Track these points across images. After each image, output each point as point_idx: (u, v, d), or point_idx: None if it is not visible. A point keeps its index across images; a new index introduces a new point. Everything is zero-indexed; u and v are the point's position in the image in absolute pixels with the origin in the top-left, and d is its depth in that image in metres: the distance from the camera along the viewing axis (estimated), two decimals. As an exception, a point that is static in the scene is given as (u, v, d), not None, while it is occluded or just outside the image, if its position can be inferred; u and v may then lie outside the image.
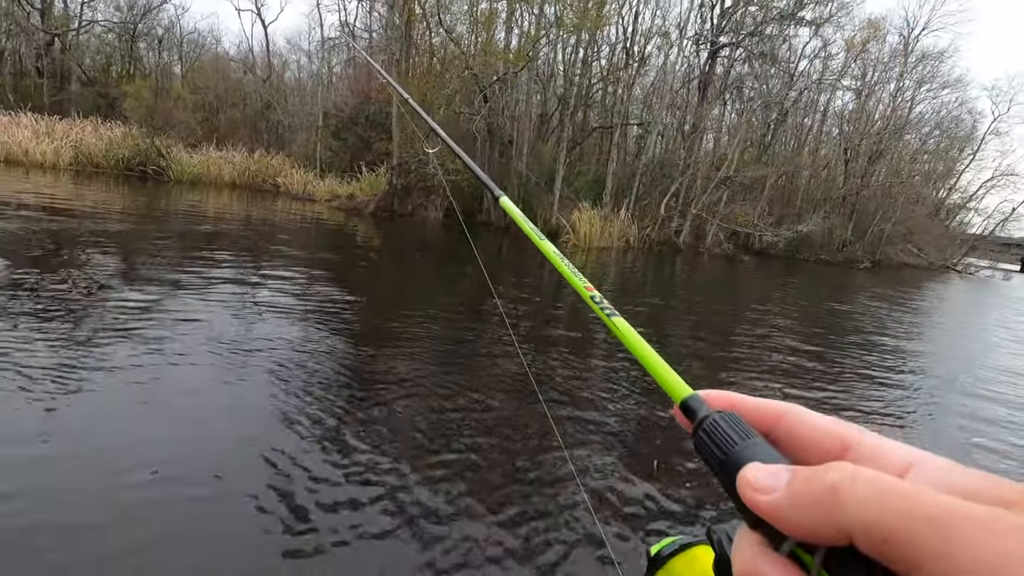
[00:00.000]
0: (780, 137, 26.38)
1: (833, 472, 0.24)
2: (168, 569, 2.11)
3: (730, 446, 0.30)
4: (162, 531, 2.29)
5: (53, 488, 2.46)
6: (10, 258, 6.26)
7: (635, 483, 3.12)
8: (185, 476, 2.68)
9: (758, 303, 10.69)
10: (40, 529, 2.20)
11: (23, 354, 3.70)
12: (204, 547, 2.26)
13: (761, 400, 0.33)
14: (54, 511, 2.32)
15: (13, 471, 2.53)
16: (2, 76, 27.27)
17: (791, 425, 0.31)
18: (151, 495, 2.50)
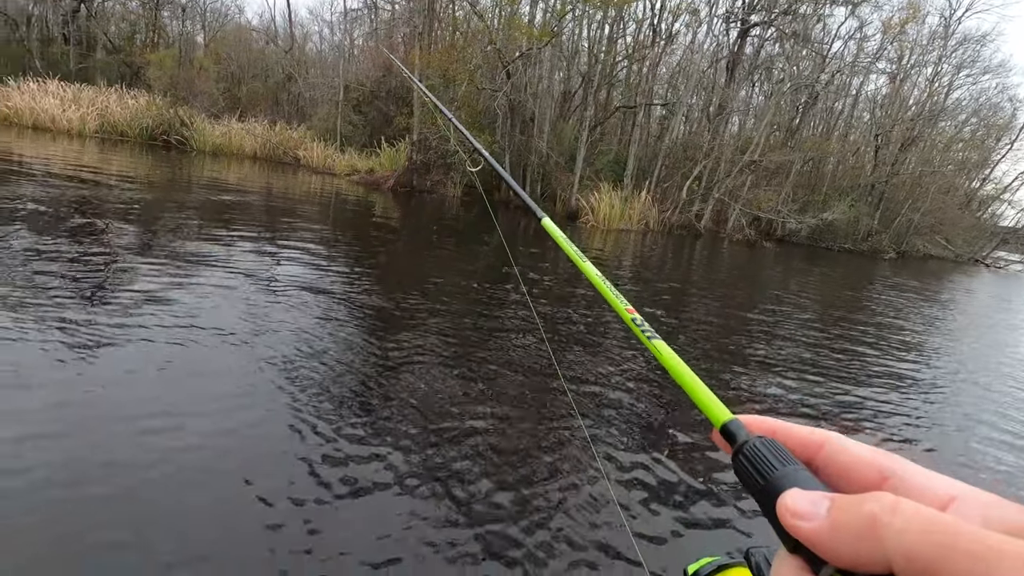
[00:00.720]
0: (809, 121, 25.66)
1: (872, 503, 0.25)
2: (189, 506, 2.17)
3: (770, 471, 0.30)
4: (182, 475, 2.35)
5: (78, 434, 2.53)
6: (38, 224, 6.38)
7: (648, 456, 3.12)
8: (208, 430, 2.74)
9: (778, 290, 10.54)
10: (68, 468, 2.28)
11: (52, 319, 3.78)
12: (221, 490, 2.31)
13: (802, 427, 0.34)
14: (80, 456, 2.39)
15: (37, 423, 2.61)
16: (30, 42, 27.51)
17: (831, 453, 0.32)
18: (172, 444, 2.57)
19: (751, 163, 19.56)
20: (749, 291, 10.29)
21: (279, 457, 2.70)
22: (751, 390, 4.62)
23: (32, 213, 6.85)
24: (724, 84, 20.61)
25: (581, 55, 22.44)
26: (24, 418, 2.68)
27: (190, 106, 21.09)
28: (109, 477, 2.38)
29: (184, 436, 2.74)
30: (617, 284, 7.82)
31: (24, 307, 3.89)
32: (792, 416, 4.19)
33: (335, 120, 21.74)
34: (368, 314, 5.10)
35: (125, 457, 2.52)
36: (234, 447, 2.74)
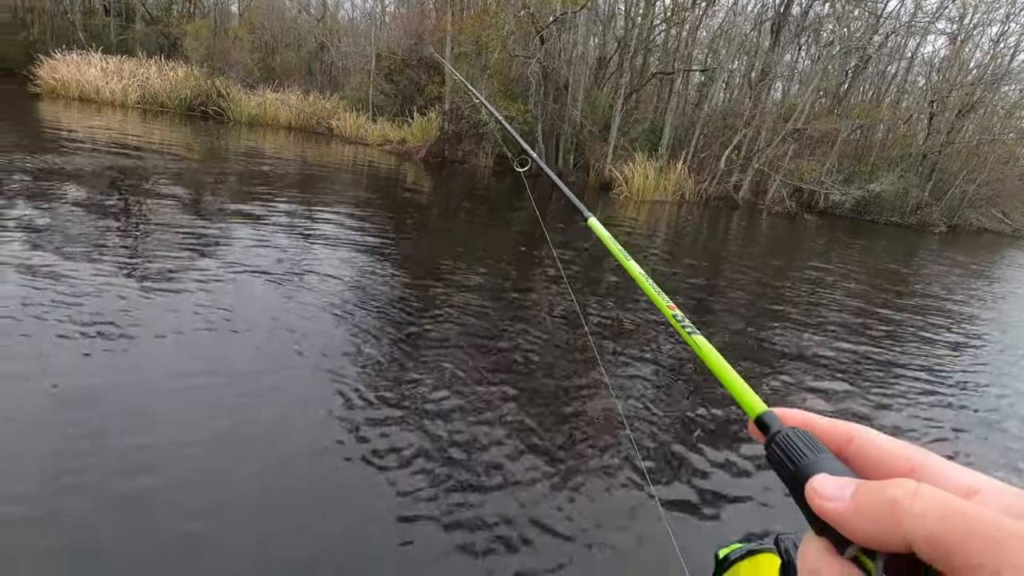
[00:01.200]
0: (858, 86, 24.31)
1: (895, 487, 0.27)
2: (234, 449, 2.27)
3: (800, 458, 0.33)
4: (232, 424, 2.45)
5: (129, 378, 2.66)
6: (88, 191, 6.61)
7: (682, 442, 3.10)
8: (251, 384, 2.84)
9: (818, 264, 10.17)
10: (128, 415, 2.40)
11: (104, 277, 3.94)
12: (269, 437, 2.41)
13: (834, 420, 0.36)
14: (141, 402, 2.52)
15: (98, 365, 2.74)
16: (73, 14, 28.07)
17: (861, 446, 0.34)
18: (217, 396, 2.67)
19: (794, 131, 18.73)
20: (788, 264, 9.98)
21: (318, 412, 2.79)
22: (788, 367, 4.52)
23: (84, 181, 7.10)
24: (768, 48, 19.64)
25: (617, 19, 21.66)
26: (84, 369, 2.82)
27: (226, 77, 21.31)
28: (159, 424, 2.50)
29: (230, 389, 2.85)
30: (649, 255, 7.72)
31: (84, 268, 4.06)
32: (829, 394, 4.09)
33: (367, 89, 21.67)
34: (401, 281, 5.15)
35: (174, 401, 2.64)
36: (273, 401, 2.83)
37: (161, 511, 2.09)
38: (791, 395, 3.97)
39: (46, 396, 2.62)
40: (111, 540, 1.94)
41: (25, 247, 4.42)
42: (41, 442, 2.33)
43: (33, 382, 2.71)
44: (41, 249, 4.42)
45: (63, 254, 4.36)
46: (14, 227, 4.83)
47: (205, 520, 2.08)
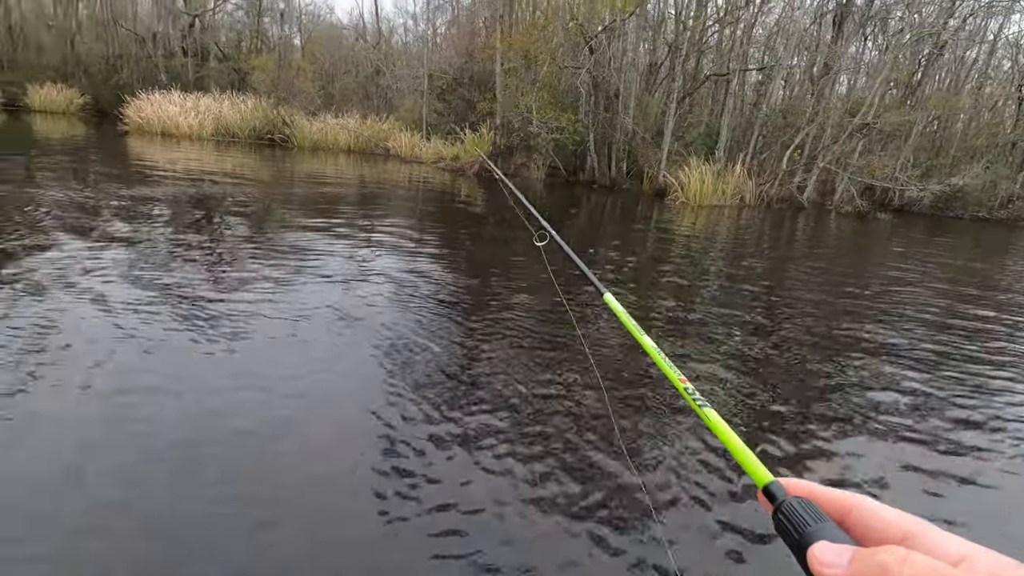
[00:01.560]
0: (933, 75, 22.74)
1: (886, 554, 0.30)
2: (289, 453, 2.35)
3: (803, 527, 0.36)
4: (292, 433, 2.54)
5: (217, 383, 2.81)
6: (172, 217, 7.13)
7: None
8: (310, 394, 2.94)
9: (894, 268, 9.50)
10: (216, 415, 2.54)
11: (186, 299, 4.22)
12: (315, 442, 2.47)
13: (835, 491, 0.39)
14: (220, 406, 2.66)
15: (179, 372, 2.92)
16: (156, 57, 30.59)
17: (861, 514, 0.36)
18: (287, 413, 2.78)
19: (863, 126, 17.71)
20: (858, 268, 9.39)
21: (369, 419, 2.84)
22: (860, 383, 4.23)
23: (168, 208, 7.69)
24: (830, 41, 18.74)
25: (667, 23, 21.34)
26: (157, 378, 3.02)
27: (290, 105, 22.55)
28: (235, 423, 2.62)
29: (294, 395, 2.96)
30: (709, 263, 7.46)
31: (166, 288, 4.37)
32: (911, 411, 3.79)
33: (420, 109, 22.32)
34: (456, 293, 5.22)
35: (251, 406, 2.77)
36: (333, 411, 2.92)
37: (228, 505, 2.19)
38: (872, 413, 3.70)
39: (164, 397, 2.82)
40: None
41: (119, 266, 4.82)
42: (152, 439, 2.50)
43: (140, 385, 2.92)
44: (133, 267, 4.80)
45: (151, 271, 4.71)
46: (111, 248, 5.28)
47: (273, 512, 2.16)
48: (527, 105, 17.10)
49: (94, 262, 4.98)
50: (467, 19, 24.90)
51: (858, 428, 3.38)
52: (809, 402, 3.68)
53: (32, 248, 5.26)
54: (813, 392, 3.86)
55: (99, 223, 6.49)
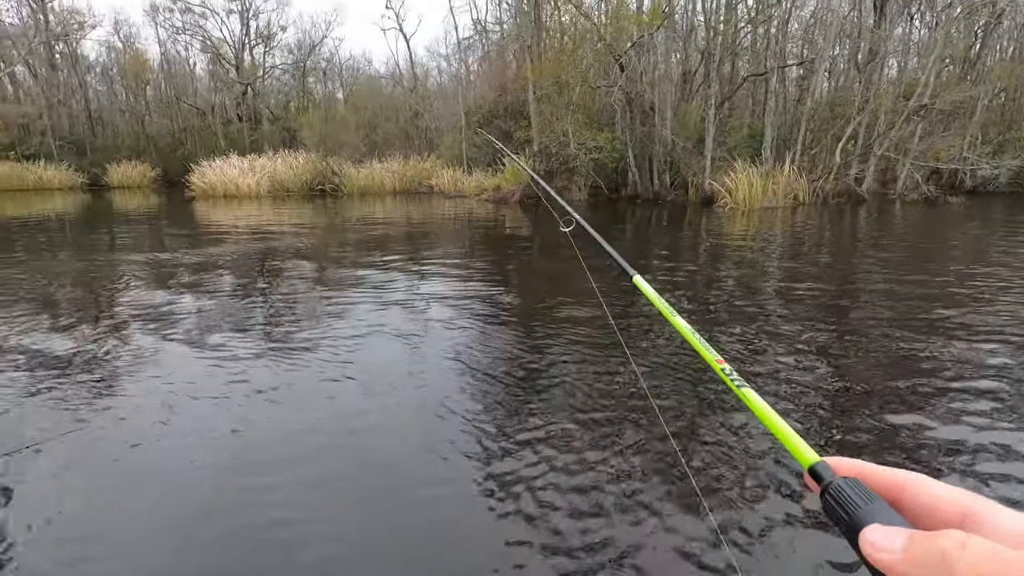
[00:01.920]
0: (992, 45, 21.36)
1: (944, 539, 0.28)
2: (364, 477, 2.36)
3: (854, 508, 0.34)
4: (366, 457, 2.57)
5: (286, 418, 2.89)
6: (235, 273, 7.57)
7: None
8: (379, 426, 2.97)
9: (976, 259, 8.75)
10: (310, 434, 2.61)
11: (262, 337, 4.42)
12: (393, 470, 2.48)
13: (888, 469, 0.37)
14: (300, 435, 2.73)
15: (256, 409, 3.03)
16: (215, 126, 33.04)
17: (916, 493, 0.34)
18: (362, 441, 2.82)
19: (920, 108, 16.74)
20: (931, 258, 8.74)
21: (440, 446, 2.84)
22: (951, 388, 3.88)
23: (234, 262, 8.20)
24: (873, 26, 17.99)
25: (697, 31, 21.15)
26: (252, 407, 3.15)
27: (338, 156, 23.72)
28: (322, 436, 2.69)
29: (365, 422, 3.01)
30: (767, 267, 7.13)
31: (240, 330, 4.61)
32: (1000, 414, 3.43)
33: (460, 145, 22.94)
34: (509, 319, 5.22)
35: (331, 426, 2.83)
36: (401, 437, 2.94)
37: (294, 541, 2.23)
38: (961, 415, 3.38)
39: (223, 439, 2.95)
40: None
41: (189, 319, 5.13)
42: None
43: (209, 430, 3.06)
44: (202, 319, 5.10)
45: (220, 321, 4.99)
46: (182, 301, 5.65)
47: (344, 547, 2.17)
48: (563, 129, 17.25)
49: (183, 312, 5.33)
50: (497, 53, 25.59)
51: (943, 414, 3.09)
52: (890, 393, 3.41)
53: (133, 307, 5.70)
54: (896, 384, 3.57)
55: (178, 279, 6.97)
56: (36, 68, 32.15)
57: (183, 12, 33.38)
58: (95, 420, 3.32)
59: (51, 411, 3.43)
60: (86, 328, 5.13)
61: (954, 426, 3.16)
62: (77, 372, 4.04)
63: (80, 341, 4.75)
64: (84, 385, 3.81)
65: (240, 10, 33.64)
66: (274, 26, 34.74)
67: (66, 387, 3.77)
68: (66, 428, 3.21)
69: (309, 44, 34.43)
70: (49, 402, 3.56)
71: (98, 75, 35.40)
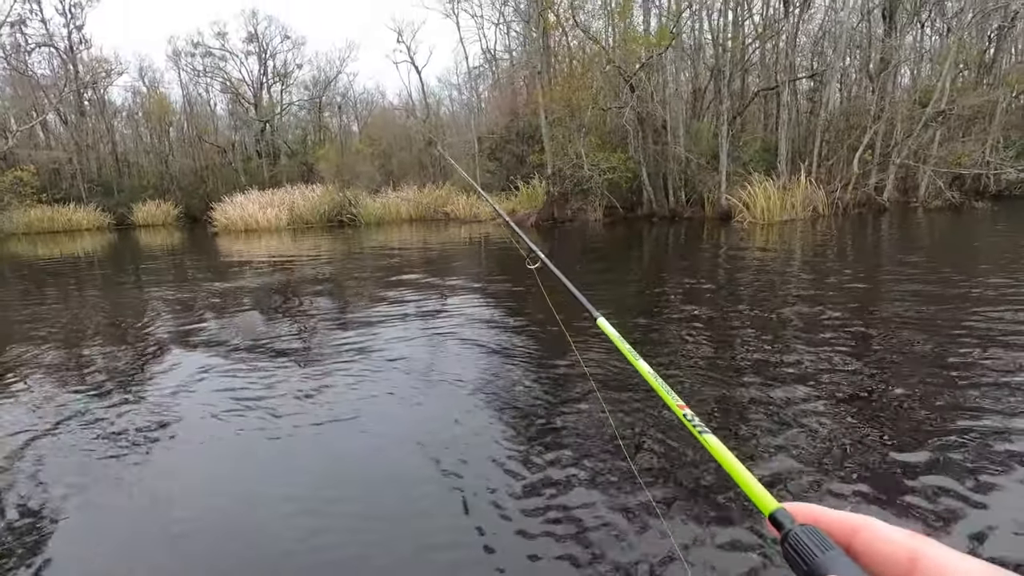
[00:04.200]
0: (1008, 47, 21.09)
1: None
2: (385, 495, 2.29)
3: (811, 558, 0.35)
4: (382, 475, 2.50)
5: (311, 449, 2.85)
6: (258, 305, 7.65)
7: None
8: (396, 447, 2.91)
9: (1006, 268, 8.42)
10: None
11: (286, 366, 4.42)
12: (404, 488, 2.40)
13: (841, 513, 0.38)
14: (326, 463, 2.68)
15: (272, 444, 2.99)
16: (235, 163, 33.94)
17: (866, 539, 0.36)
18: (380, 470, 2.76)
19: (937, 115, 16.51)
20: (960, 266, 8.48)
21: (461, 459, 2.77)
22: (979, 407, 3.70)
23: (257, 294, 8.30)
24: (883, 35, 17.93)
25: (705, 49, 21.28)
26: (275, 435, 3.12)
27: (354, 187, 24.13)
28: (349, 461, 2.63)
29: (392, 442, 2.95)
30: (787, 284, 6.98)
31: (264, 360, 4.62)
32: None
33: (474, 171, 23.20)
34: (529, 342, 5.16)
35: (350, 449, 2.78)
36: (426, 459, 2.87)
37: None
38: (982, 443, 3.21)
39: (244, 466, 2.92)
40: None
41: (212, 348, 5.17)
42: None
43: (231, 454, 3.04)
44: (227, 349, 5.13)
45: (241, 353, 5.01)
46: (207, 334, 5.71)
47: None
48: (576, 151, 17.35)
49: (209, 342, 5.38)
50: (507, 80, 26.02)
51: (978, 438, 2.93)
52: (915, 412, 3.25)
53: (163, 338, 5.77)
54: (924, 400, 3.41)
55: (202, 311, 7.07)
56: (66, 115, 33.53)
57: (204, 56, 34.70)
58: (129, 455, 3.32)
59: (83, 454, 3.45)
60: (116, 359, 5.20)
61: (990, 421, 3.01)
62: (115, 397, 4.08)
63: (109, 372, 4.81)
64: (119, 416, 3.83)
65: (258, 51, 34.87)
66: (290, 65, 35.90)
67: (109, 417, 3.80)
68: (98, 473, 3.21)
69: (324, 80, 35.42)
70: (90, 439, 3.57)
71: (124, 119, 36.76)
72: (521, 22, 22.11)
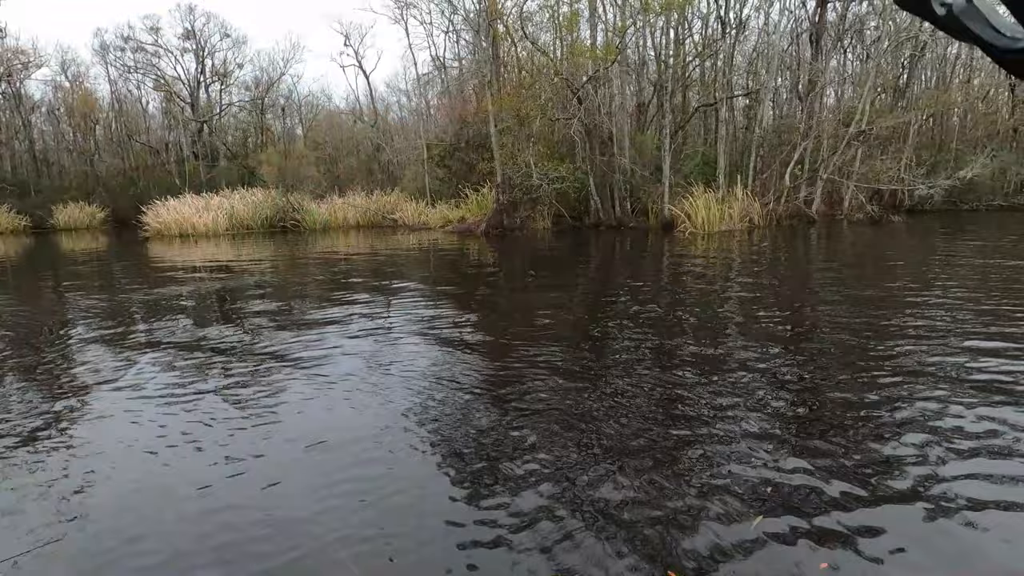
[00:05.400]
0: (918, 75, 23.03)
1: None
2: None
3: None
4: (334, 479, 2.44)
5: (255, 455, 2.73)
6: (193, 314, 7.27)
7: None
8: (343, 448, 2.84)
9: (915, 273, 9.22)
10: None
11: (216, 378, 4.21)
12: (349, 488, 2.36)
13: None
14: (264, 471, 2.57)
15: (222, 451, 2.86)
16: (169, 164, 32.29)
17: None
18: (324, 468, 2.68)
19: (859, 134, 17.79)
20: (877, 273, 9.16)
21: (403, 487, 2.73)
22: (900, 412, 4.01)
23: (189, 302, 7.86)
24: (811, 58, 19.17)
25: (649, 65, 22.06)
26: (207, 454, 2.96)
27: (299, 192, 23.44)
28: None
29: (333, 461, 2.87)
30: (727, 291, 7.28)
31: (193, 373, 4.39)
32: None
33: (423, 178, 23.02)
34: (478, 353, 5.16)
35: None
36: (368, 480, 2.82)
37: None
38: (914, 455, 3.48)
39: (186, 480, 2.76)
40: None
41: (140, 363, 4.87)
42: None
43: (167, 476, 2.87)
44: (153, 364, 4.84)
45: (171, 367, 4.75)
46: (136, 346, 5.36)
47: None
48: (525, 160, 17.55)
49: (128, 360, 5.05)
50: (457, 88, 26.03)
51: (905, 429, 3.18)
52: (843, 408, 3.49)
53: (68, 354, 5.36)
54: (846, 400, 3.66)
55: (126, 324, 6.63)
56: (-25, 109, 30.93)
57: (135, 51, 32.87)
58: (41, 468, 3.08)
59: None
60: (18, 377, 4.82)
61: (894, 402, 3.26)
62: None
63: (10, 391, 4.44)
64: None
65: (195, 48, 33.35)
66: (231, 64, 34.51)
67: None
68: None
69: (267, 81, 34.28)
70: None
71: (43, 115, 34.27)
72: (471, 31, 22.20)
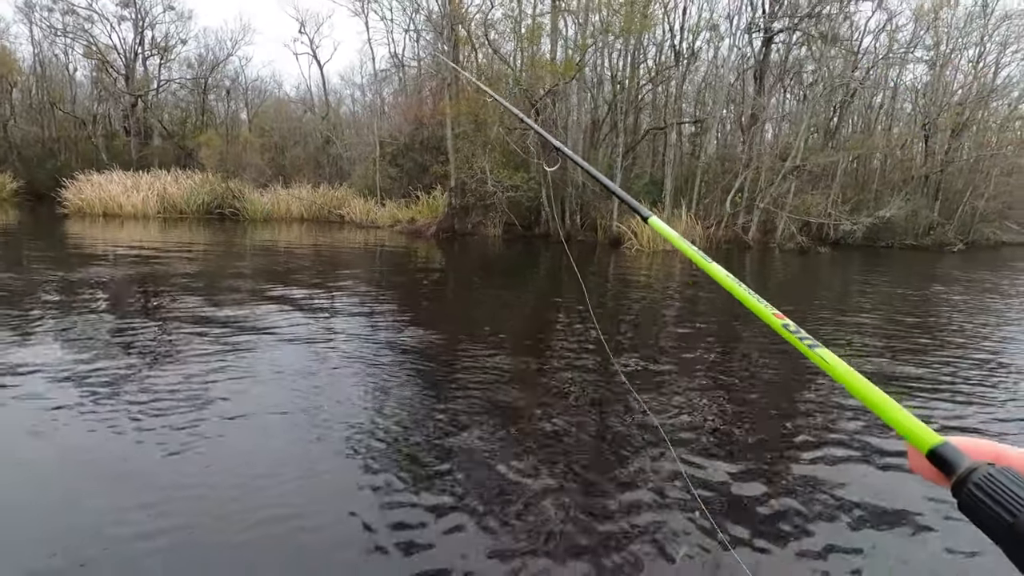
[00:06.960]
0: (848, 119, 24.88)
1: None
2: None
3: (1020, 507, 0.25)
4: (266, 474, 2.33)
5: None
6: (112, 298, 6.77)
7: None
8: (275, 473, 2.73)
9: (837, 298, 9.98)
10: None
11: (129, 381, 3.94)
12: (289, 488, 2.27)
13: None
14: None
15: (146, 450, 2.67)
16: (96, 138, 30.06)
17: None
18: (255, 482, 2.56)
19: (793, 169, 19.01)
20: (803, 300, 9.81)
21: (342, 495, 2.66)
22: (816, 424, 4.31)
23: (108, 290, 7.30)
24: (754, 93, 20.32)
25: (605, 84, 22.66)
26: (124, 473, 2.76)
27: (240, 179, 22.38)
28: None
29: (266, 478, 2.74)
30: (668, 307, 7.58)
31: (106, 372, 4.07)
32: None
33: (374, 176, 22.55)
34: (421, 359, 5.10)
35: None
36: (303, 489, 2.71)
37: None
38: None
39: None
40: None
41: (57, 354, 4.48)
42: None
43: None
44: (71, 354, 4.47)
45: (92, 357, 4.40)
46: (47, 336, 4.92)
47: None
48: (481, 166, 17.57)
49: (29, 352, 4.63)
50: (414, 88, 25.73)
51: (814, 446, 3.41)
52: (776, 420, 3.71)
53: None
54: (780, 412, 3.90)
55: (33, 308, 6.09)
56: None
57: (65, 13, 30.41)
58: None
59: None
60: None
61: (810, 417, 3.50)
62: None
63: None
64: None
65: (134, 18, 31.26)
66: (173, 38, 32.56)
67: None
68: None
69: (212, 60, 32.59)
70: None
71: (-49, 72, 31.04)
72: (432, 32, 22.04)
